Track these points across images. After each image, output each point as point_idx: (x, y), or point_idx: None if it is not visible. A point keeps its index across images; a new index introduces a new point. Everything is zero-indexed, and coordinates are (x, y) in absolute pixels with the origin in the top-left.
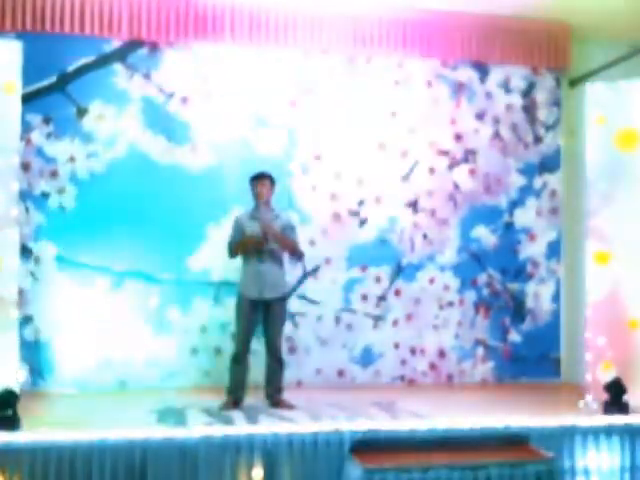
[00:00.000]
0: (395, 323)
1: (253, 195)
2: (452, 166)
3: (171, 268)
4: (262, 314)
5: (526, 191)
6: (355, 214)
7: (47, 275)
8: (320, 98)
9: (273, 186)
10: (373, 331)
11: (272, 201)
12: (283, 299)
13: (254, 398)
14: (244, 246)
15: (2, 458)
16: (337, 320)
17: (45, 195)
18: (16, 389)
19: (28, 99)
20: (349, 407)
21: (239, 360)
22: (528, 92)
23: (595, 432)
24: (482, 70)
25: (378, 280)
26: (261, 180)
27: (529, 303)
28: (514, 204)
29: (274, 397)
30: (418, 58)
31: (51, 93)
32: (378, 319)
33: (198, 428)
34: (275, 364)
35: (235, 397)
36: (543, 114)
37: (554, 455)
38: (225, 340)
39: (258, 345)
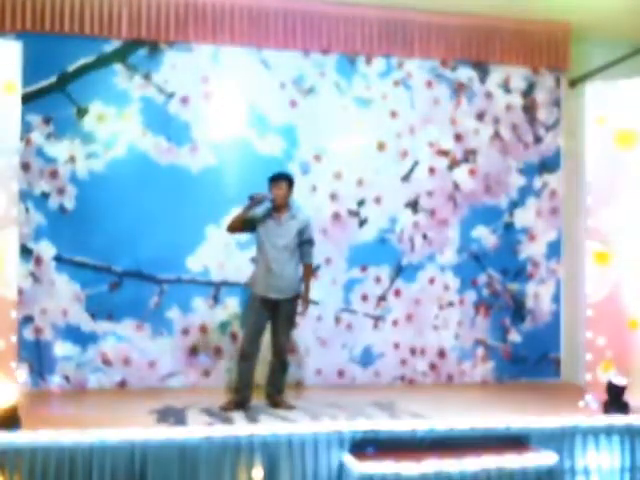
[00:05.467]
0: (395, 323)
1: None
2: (452, 166)
3: (171, 268)
4: (273, 312)
5: (526, 191)
6: (355, 214)
7: (47, 275)
8: (320, 98)
9: (291, 187)
10: (373, 331)
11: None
12: (293, 300)
13: (254, 398)
14: (247, 212)
15: (2, 458)
16: (337, 320)
17: (45, 195)
18: (15, 393)
19: (28, 99)
20: (349, 407)
21: (247, 358)
22: (528, 92)
23: (595, 432)
24: (482, 70)
25: (378, 280)
26: (277, 182)
27: (529, 303)
28: (514, 204)
29: (274, 397)
30: (418, 58)
31: (51, 93)
32: (378, 319)
33: (198, 428)
34: (279, 365)
35: (242, 397)
36: (543, 114)
37: (554, 455)
38: (225, 340)
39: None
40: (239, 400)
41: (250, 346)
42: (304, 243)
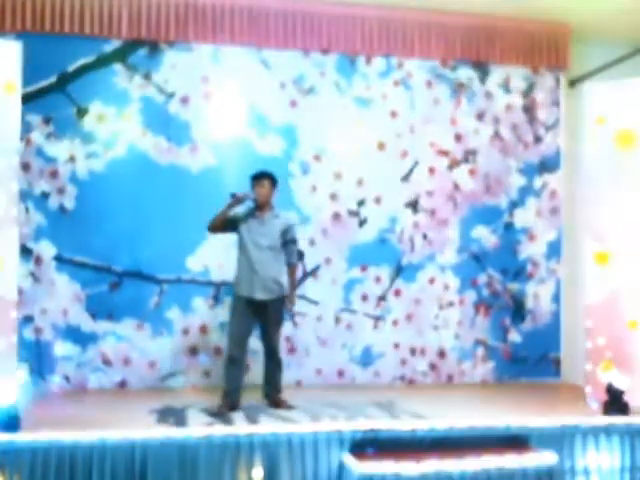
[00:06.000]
0: (395, 323)
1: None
2: (452, 166)
3: (171, 268)
4: (258, 313)
5: (526, 191)
6: (355, 214)
7: (47, 275)
8: (320, 98)
9: (274, 186)
10: (373, 331)
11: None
12: (279, 300)
13: (254, 398)
14: (228, 211)
15: (2, 458)
16: (337, 320)
17: (45, 195)
18: (16, 393)
19: (28, 99)
20: (349, 407)
21: (234, 362)
22: (528, 92)
23: (595, 432)
24: (482, 70)
25: (378, 280)
26: (259, 180)
27: (529, 303)
28: (514, 204)
29: (273, 396)
30: (418, 58)
31: (51, 93)
32: (378, 319)
33: (198, 428)
34: (273, 365)
35: (231, 401)
36: (543, 114)
37: (554, 455)
38: (225, 340)
39: (257, 345)
40: (228, 405)
41: (237, 350)
42: (288, 243)
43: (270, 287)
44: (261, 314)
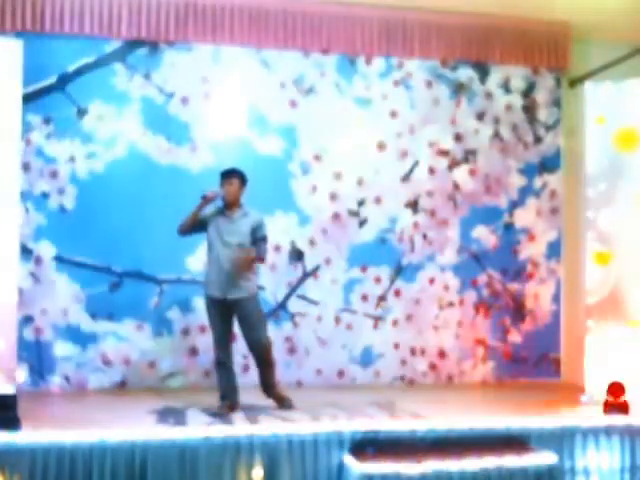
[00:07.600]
0: (395, 323)
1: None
2: (452, 166)
3: (171, 268)
4: (233, 312)
5: (526, 191)
6: (355, 214)
7: (47, 275)
8: (320, 98)
9: (243, 185)
10: (373, 331)
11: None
12: (251, 298)
13: (254, 398)
14: (197, 214)
15: (2, 458)
16: (337, 320)
17: (45, 195)
18: (14, 390)
19: (28, 99)
20: (349, 407)
21: (222, 364)
22: (528, 92)
23: (595, 432)
24: (482, 70)
25: (378, 280)
26: (228, 178)
27: (529, 303)
28: (514, 204)
29: (271, 394)
30: (418, 58)
31: (51, 93)
32: (378, 319)
33: (198, 428)
34: (261, 364)
35: (230, 402)
36: (543, 114)
37: (554, 455)
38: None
39: None
40: (228, 406)
41: (223, 352)
42: (258, 241)
43: (240, 285)
44: (235, 313)
